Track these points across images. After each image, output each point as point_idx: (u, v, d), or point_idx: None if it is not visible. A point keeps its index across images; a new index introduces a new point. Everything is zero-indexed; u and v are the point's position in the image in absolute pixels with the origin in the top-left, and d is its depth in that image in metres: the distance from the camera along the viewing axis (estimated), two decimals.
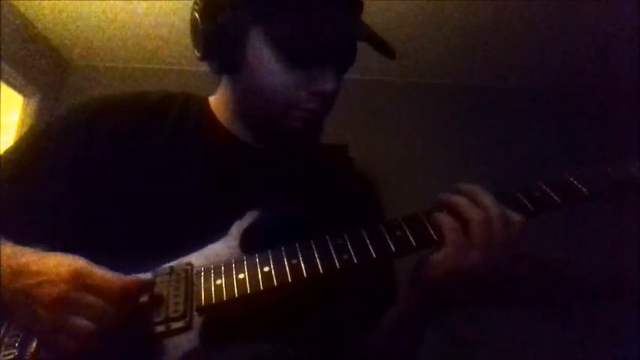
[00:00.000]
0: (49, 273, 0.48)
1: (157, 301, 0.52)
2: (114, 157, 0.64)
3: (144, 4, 2.31)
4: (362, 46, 0.68)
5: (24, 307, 0.48)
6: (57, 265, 0.49)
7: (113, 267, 0.53)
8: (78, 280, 0.48)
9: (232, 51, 0.63)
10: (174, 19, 2.38)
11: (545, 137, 2.65)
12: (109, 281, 0.49)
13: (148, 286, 0.53)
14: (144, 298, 0.52)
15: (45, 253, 0.51)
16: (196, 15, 0.64)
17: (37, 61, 2.60)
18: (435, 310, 0.61)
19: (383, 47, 0.67)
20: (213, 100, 0.74)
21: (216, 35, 0.63)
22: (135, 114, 0.68)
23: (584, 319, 2.27)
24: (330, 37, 0.63)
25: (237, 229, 0.60)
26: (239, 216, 0.61)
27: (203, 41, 0.64)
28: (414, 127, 2.74)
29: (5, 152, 0.67)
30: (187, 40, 0.67)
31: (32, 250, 0.52)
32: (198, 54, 0.67)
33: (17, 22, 2.41)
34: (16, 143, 0.68)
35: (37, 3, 2.35)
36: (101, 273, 0.49)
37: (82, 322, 0.47)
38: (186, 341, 0.51)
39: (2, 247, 0.52)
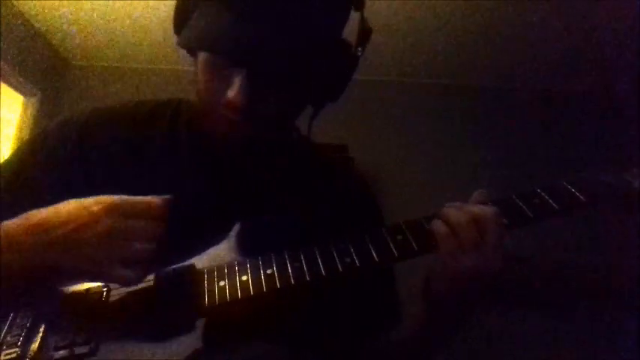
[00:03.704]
0: (83, 216, 0.48)
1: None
2: (109, 170, 0.64)
3: (144, 5, 2.31)
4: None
5: (66, 255, 0.48)
6: (87, 206, 0.49)
7: None
8: (118, 211, 0.49)
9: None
10: None
11: (545, 138, 2.66)
12: (146, 202, 0.51)
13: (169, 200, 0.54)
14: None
15: (58, 204, 0.50)
16: None
17: (37, 61, 2.60)
18: (451, 321, 0.62)
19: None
20: None
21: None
22: (127, 124, 0.68)
23: (584, 319, 2.27)
24: (239, 43, 0.54)
25: (237, 231, 0.60)
26: (239, 219, 0.61)
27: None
28: (414, 127, 2.74)
29: (3, 164, 0.67)
30: None
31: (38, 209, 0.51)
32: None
33: (17, 22, 2.41)
34: (13, 155, 0.69)
35: (37, 3, 2.35)
36: (134, 199, 0.51)
37: (141, 245, 0.49)
38: (188, 343, 0.51)
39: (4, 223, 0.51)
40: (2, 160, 0.69)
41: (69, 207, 0.50)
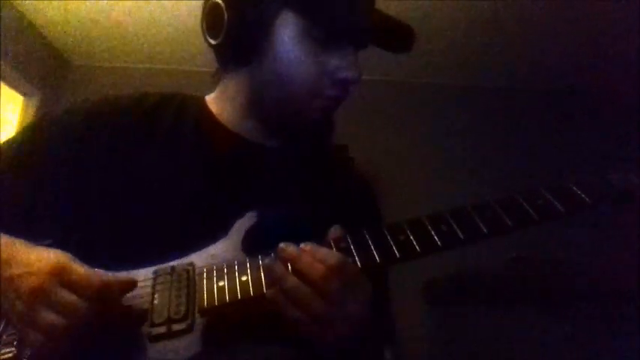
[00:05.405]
0: (32, 265, 0.48)
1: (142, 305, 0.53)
2: (112, 158, 0.64)
3: (144, 5, 2.31)
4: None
5: (7, 297, 0.48)
6: (40, 258, 0.49)
7: (113, 267, 0.53)
8: (56, 275, 0.47)
9: (258, 38, 0.63)
10: (175, 20, 2.38)
11: (546, 138, 2.65)
12: (87, 278, 0.48)
13: (129, 285, 0.53)
14: (130, 300, 0.52)
15: (33, 246, 0.51)
16: (219, 1, 0.64)
17: (37, 61, 2.59)
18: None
19: (399, 33, 0.75)
20: (211, 98, 0.74)
21: (243, 22, 0.63)
22: (133, 116, 0.68)
23: (584, 318, 2.27)
24: (358, 18, 0.65)
25: (238, 229, 0.60)
26: (240, 215, 0.61)
27: (227, 27, 0.63)
28: (415, 127, 2.74)
29: (3, 147, 0.67)
30: (187, 40, 0.67)
31: (24, 241, 0.52)
32: (213, 40, 0.66)
33: (17, 22, 2.41)
34: (13, 139, 0.68)
35: (37, 3, 2.35)
36: (81, 270, 0.48)
37: (51, 316, 0.46)
38: (187, 343, 0.51)
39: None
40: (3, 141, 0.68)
41: (37, 253, 0.50)
